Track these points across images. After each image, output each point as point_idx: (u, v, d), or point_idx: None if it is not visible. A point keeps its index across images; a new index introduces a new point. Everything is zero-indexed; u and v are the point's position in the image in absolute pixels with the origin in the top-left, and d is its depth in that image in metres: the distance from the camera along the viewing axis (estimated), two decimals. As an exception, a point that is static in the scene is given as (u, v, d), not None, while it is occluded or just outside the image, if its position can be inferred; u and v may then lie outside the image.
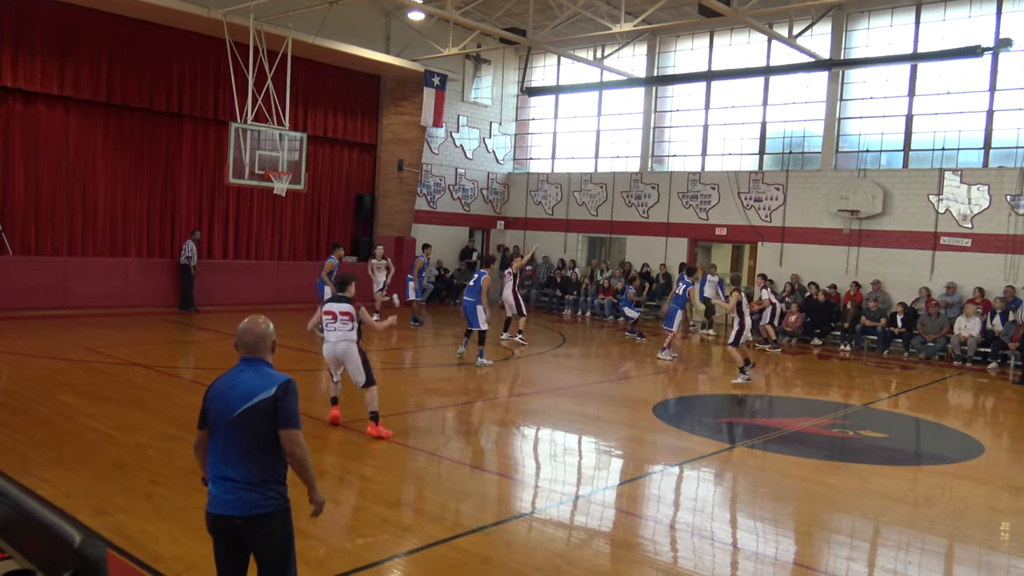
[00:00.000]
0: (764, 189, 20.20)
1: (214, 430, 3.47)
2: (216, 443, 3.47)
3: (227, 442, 3.44)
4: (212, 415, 3.49)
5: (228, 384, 3.52)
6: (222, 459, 3.45)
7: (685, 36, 21.91)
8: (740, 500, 7.06)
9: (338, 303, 8.17)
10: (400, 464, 7.51)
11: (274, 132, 16.87)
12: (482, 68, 24.33)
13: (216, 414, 3.47)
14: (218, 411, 3.47)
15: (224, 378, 3.57)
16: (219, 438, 3.45)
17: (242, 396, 3.44)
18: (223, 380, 3.57)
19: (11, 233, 15.81)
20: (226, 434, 3.43)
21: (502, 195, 25.57)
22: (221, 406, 3.47)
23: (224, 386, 3.52)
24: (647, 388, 12.17)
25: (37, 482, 5.95)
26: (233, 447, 3.43)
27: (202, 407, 3.56)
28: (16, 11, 15.37)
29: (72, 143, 16.70)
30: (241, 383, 3.48)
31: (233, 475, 3.42)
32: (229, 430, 3.43)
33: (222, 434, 3.44)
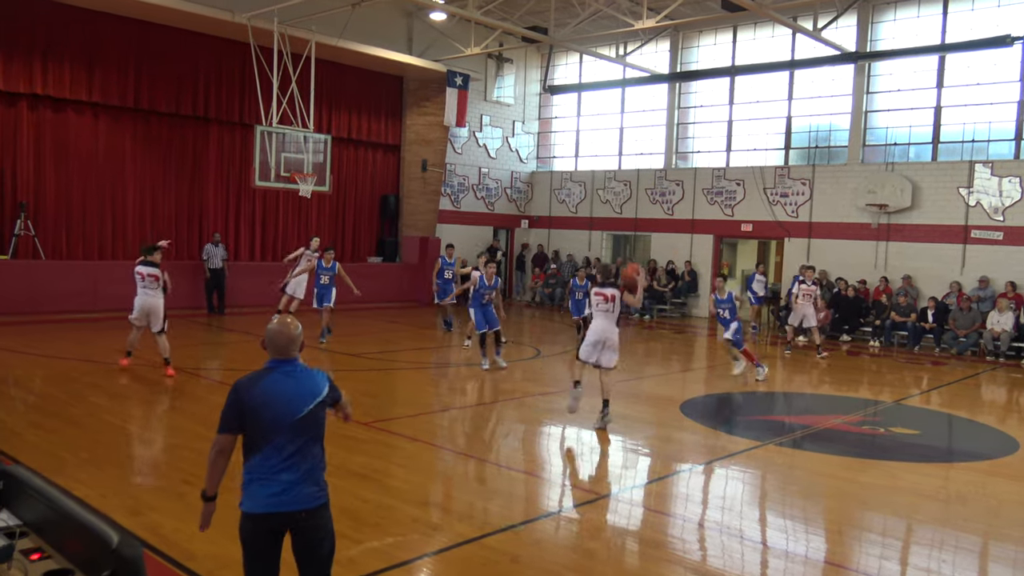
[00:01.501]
0: (790, 184, 20.02)
1: (273, 432, 3.50)
2: (278, 444, 3.50)
3: (293, 440, 3.52)
4: (267, 418, 3.49)
5: (287, 385, 3.56)
6: (283, 458, 3.50)
7: (708, 31, 21.76)
8: (769, 498, 7.01)
9: (146, 267, 10.21)
10: (428, 463, 7.55)
11: (299, 134, 17.01)
12: (504, 67, 24.34)
13: (276, 417, 3.50)
14: (280, 413, 3.51)
15: (273, 381, 3.56)
16: (285, 438, 3.51)
17: (307, 396, 3.58)
18: (275, 383, 3.56)
19: (43, 238, 16.07)
20: (292, 433, 3.52)
21: (526, 194, 25.57)
22: (282, 408, 3.51)
23: (281, 388, 3.55)
24: (674, 386, 12.12)
25: (72, 482, 6.05)
26: (297, 444, 3.53)
27: (237, 411, 3.51)
28: (46, 21, 15.62)
29: (101, 148, 16.95)
30: (300, 384, 3.60)
31: (298, 471, 3.52)
32: (295, 430, 3.52)
33: (286, 434, 3.51)
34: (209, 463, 3.56)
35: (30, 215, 15.79)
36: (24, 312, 14.09)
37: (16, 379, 10.40)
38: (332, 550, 3.68)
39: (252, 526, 3.52)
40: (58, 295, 15.63)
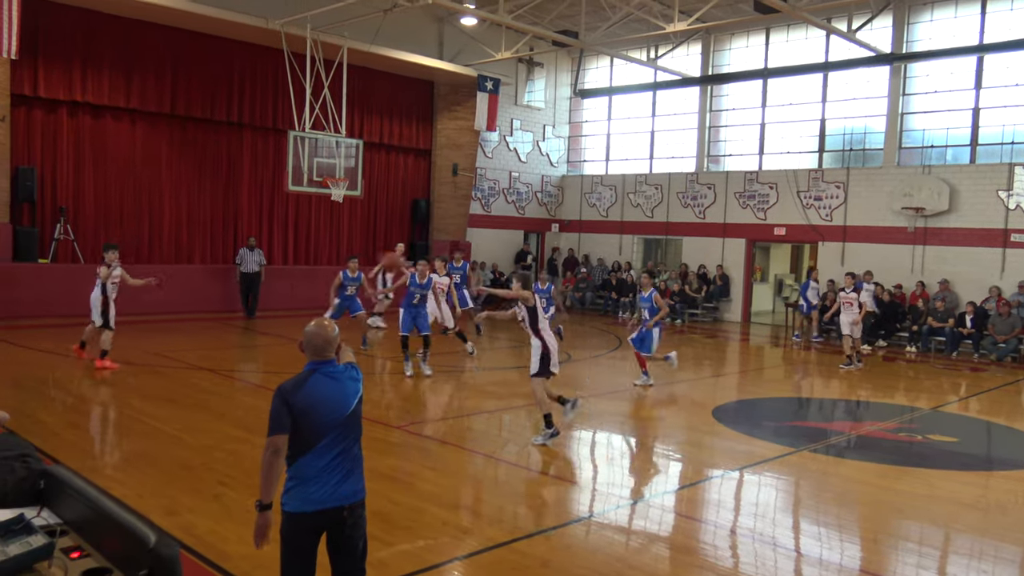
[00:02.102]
0: (824, 187, 19.79)
1: (321, 433, 3.57)
2: (325, 444, 3.59)
3: (338, 439, 3.63)
4: (315, 419, 3.55)
5: (331, 387, 3.64)
6: (329, 457, 3.59)
7: (740, 34, 21.61)
8: (803, 505, 6.93)
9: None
10: (458, 467, 7.56)
11: (331, 139, 17.17)
12: (535, 71, 24.37)
13: (324, 417, 3.58)
14: (328, 414, 3.59)
15: (318, 383, 3.62)
16: (330, 438, 3.60)
17: (351, 394, 3.70)
18: (319, 385, 3.62)
19: (82, 242, 16.38)
20: (338, 432, 3.63)
21: (556, 198, 25.56)
22: (331, 408, 3.61)
23: (326, 390, 3.62)
24: (706, 391, 12.03)
25: (110, 483, 6.15)
26: (343, 443, 3.64)
27: (286, 413, 3.52)
28: (85, 29, 15.94)
29: (138, 154, 17.25)
30: (343, 384, 3.70)
31: (343, 469, 3.63)
32: (343, 428, 3.64)
33: (334, 434, 3.61)
34: (265, 466, 3.55)
35: (69, 220, 16.11)
36: (64, 315, 14.33)
37: (56, 380, 10.60)
38: (366, 547, 3.78)
39: (295, 525, 3.57)
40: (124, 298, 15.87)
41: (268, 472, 3.56)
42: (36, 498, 3.76)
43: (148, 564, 2.76)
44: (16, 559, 3.10)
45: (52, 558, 3.14)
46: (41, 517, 3.55)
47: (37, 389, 10.18)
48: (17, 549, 3.14)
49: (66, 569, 3.08)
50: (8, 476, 3.82)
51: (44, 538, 3.23)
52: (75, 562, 3.15)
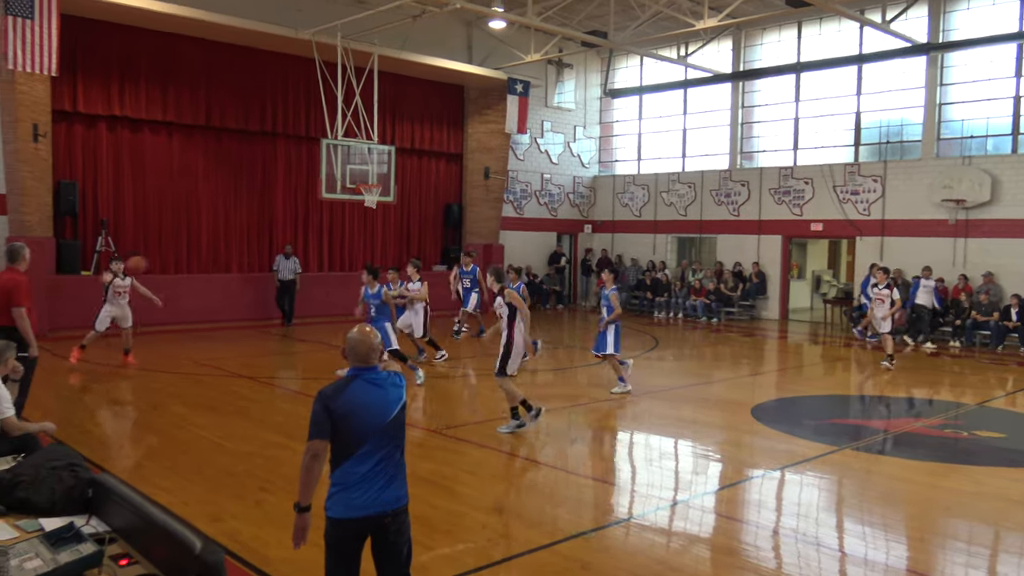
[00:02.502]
0: (861, 181, 19.49)
1: (362, 438, 3.60)
2: (366, 450, 3.61)
3: (379, 446, 3.64)
4: (356, 425, 3.59)
5: (372, 393, 3.67)
6: (370, 463, 3.61)
7: (772, 28, 21.38)
8: (847, 504, 6.82)
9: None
10: (496, 470, 7.57)
11: (363, 146, 17.31)
12: (564, 72, 24.34)
13: (365, 423, 3.60)
14: (369, 420, 3.61)
15: (359, 389, 3.66)
16: (371, 444, 3.62)
17: (392, 401, 3.71)
18: (360, 391, 3.65)
19: (122, 252, 16.65)
20: (379, 439, 3.64)
21: (589, 198, 25.49)
22: (372, 415, 3.63)
23: (367, 396, 3.65)
24: (745, 390, 11.90)
25: (155, 490, 6.25)
26: (384, 449, 3.66)
27: (326, 418, 3.57)
28: (121, 45, 16.25)
29: (176, 166, 17.54)
30: (385, 391, 3.72)
31: (384, 476, 3.64)
32: (384, 434, 3.66)
33: (376, 440, 3.63)
34: (304, 470, 3.60)
35: (110, 232, 16.43)
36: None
37: (101, 390, 10.82)
38: (410, 553, 3.80)
39: (340, 531, 3.60)
40: (138, 308, 16.14)
41: (306, 475, 3.61)
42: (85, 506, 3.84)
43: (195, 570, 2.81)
44: (67, 567, 3.17)
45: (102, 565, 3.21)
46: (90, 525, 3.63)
47: (82, 399, 10.39)
48: (68, 557, 3.22)
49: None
50: (57, 485, 3.91)
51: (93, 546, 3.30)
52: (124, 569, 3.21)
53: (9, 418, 5.58)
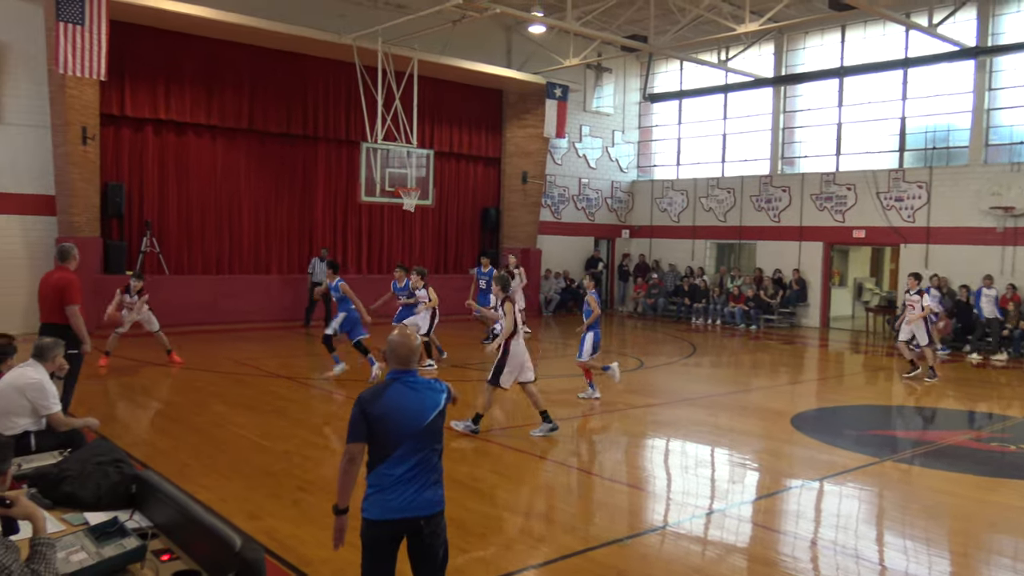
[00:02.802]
0: (905, 187, 19.14)
1: (397, 442, 3.62)
2: (401, 453, 3.62)
3: (415, 449, 3.64)
4: (392, 428, 3.61)
5: (409, 397, 3.69)
6: (406, 466, 3.62)
7: (814, 32, 21.11)
8: (888, 517, 6.70)
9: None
10: (531, 474, 7.57)
11: (402, 150, 17.44)
12: (603, 77, 24.28)
13: (401, 426, 3.62)
14: (404, 423, 3.63)
15: (397, 392, 3.69)
16: (407, 447, 3.63)
17: (430, 406, 3.71)
18: (397, 394, 3.68)
19: (166, 254, 17.01)
20: (415, 442, 3.65)
21: (626, 203, 25.38)
22: (408, 418, 3.64)
23: (404, 400, 3.67)
24: (785, 398, 11.75)
25: (196, 487, 6.35)
26: (419, 453, 3.66)
27: (363, 422, 3.62)
28: (167, 50, 16.58)
29: (219, 168, 17.84)
30: (422, 395, 3.73)
31: (419, 480, 3.64)
32: (420, 438, 3.66)
33: (411, 443, 3.64)
34: (341, 473, 3.67)
35: (155, 233, 16.75)
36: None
37: (144, 388, 11.03)
38: (446, 556, 3.80)
39: (374, 532, 3.63)
40: (181, 308, 16.48)
41: (343, 478, 3.67)
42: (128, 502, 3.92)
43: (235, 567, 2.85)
44: (110, 560, 3.23)
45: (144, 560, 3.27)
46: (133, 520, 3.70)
47: (125, 396, 10.60)
48: (112, 551, 3.28)
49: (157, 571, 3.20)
50: (102, 481, 3.99)
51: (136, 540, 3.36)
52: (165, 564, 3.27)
53: (56, 413, 5.73)
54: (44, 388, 5.68)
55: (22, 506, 3.15)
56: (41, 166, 15.51)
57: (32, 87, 15.27)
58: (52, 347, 5.97)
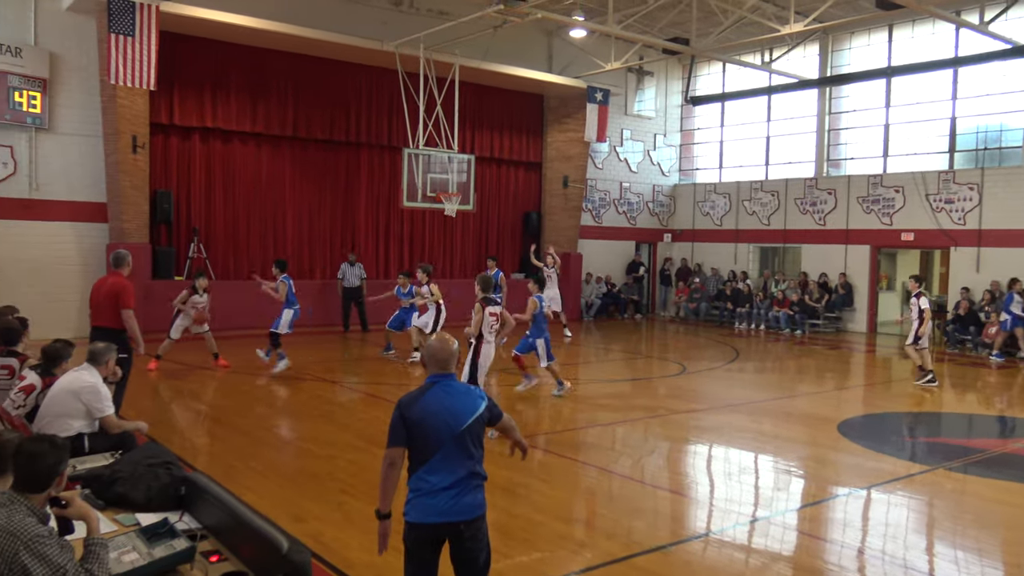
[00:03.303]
0: (956, 189, 18.71)
1: (436, 446, 3.65)
2: (440, 457, 3.65)
3: (453, 454, 3.66)
4: (430, 432, 3.64)
5: (446, 401, 3.72)
6: (447, 470, 3.65)
7: (861, 32, 20.76)
8: (939, 527, 6.55)
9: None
10: (572, 479, 7.55)
11: (444, 155, 17.54)
12: (645, 80, 24.16)
13: (438, 430, 3.65)
14: (441, 427, 3.65)
15: (434, 396, 3.73)
16: (444, 452, 3.65)
17: (467, 410, 3.73)
18: (435, 398, 3.72)
19: (213, 259, 17.32)
20: (453, 446, 3.66)
21: (668, 207, 25.20)
22: (445, 422, 3.66)
23: (440, 404, 3.70)
24: (830, 404, 11.55)
25: (242, 490, 6.45)
26: (458, 458, 3.67)
27: (402, 426, 3.67)
28: (214, 59, 16.92)
29: (264, 175, 18.13)
30: (461, 398, 3.77)
31: (459, 484, 3.65)
32: (457, 442, 3.67)
33: (449, 447, 3.66)
34: (381, 477, 3.71)
35: (202, 239, 17.08)
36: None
37: (192, 391, 11.25)
38: (488, 560, 3.81)
39: (416, 535, 3.67)
40: (227, 312, 16.75)
41: (383, 483, 3.71)
42: (178, 503, 4.00)
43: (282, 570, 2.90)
44: (160, 561, 3.30)
45: (194, 561, 3.33)
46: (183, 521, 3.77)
47: (174, 399, 10.82)
48: (162, 552, 3.35)
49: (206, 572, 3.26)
50: (153, 482, 4.09)
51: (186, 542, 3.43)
52: (214, 565, 3.33)
53: (109, 416, 5.87)
54: (98, 391, 5.83)
55: (77, 507, 3.24)
56: (93, 174, 15.92)
57: (85, 97, 15.69)
58: (105, 351, 6.12)
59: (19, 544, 2.86)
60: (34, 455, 3.15)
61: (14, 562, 2.84)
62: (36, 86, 15.05)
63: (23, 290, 14.51)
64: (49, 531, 3.00)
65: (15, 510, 2.97)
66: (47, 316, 13.79)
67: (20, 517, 2.94)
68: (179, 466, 4.34)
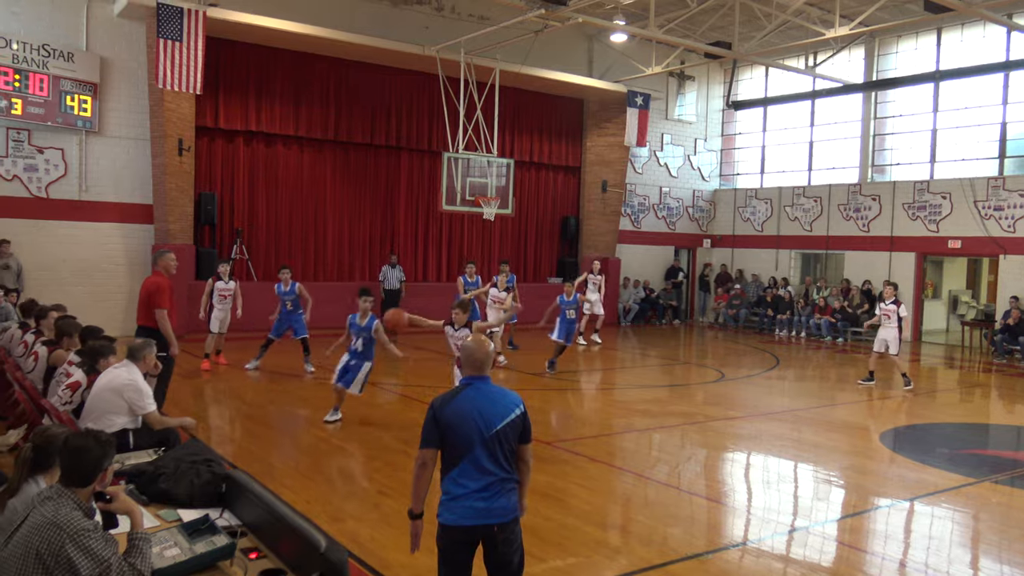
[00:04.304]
0: (1006, 196, 18.27)
1: (467, 448, 3.64)
2: (472, 459, 3.64)
3: (485, 456, 3.65)
4: (462, 434, 3.64)
5: (479, 403, 3.71)
6: (479, 472, 3.64)
7: (908, 36, 20.40)
8: (984, 540, 6.39)
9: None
10: (608, 485, 7.51)
11: (483, 159, 17.61)
12: (686, 84, 23.99)
13: (470, 432, 3.64)
14: (473, 429, 3.65)
15: (467, 398, 3.72)
16: (476, 454, 3.64)
17: (500, 413, 3.71)
18: (467, 399, 3.71)
19: (255, 261, 17.58)
20: (485, 449, 3.65)
21: (708, 212, 24.99)
22: (477, 424, 3.65)
23: (473, 405, 3.69)
24: (872, 413, 11.35)
25: (281, 488, 6.54)
26: (490, 460, 3.66)
27: (434, 427, 3.68)
28: (258, 64, 17.20)
29: (305, 178, 18.36)
30: (494, 401, 3.74)
31: (492, 486, 3.64)
32: (488, 445, 3.65)
33: (480, 449, 3.64)
34: (414, 477, 3.75)
35: (245, 241, 17.35)
36: (240, 329, 15.38)
37: (233, 390, 11.42)
38: (522, 563, 3.80)
39: (448, 537, 3.67)
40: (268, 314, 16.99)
41: (415, 483, 3.74)
42: (219, 500, 4.07)
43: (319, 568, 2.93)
44: (201, 557, 3.36)
45: (234, 557, 3.38)
46: (223, 518, 3.83)
47: (215, 398, 11.00)
48: (203, 547, 3.41)
49: (245, 569, 3.31)
50: (195, 479, 4.16)
51: (227, 538, 3.49)
52: (253, 562, 3.38)
53: (152, 412, 5.97)
54: (139, 388, 5.91)
55: (121, 501, 3.31)
56: (140, 176, 16.26)
57: (133, 101, 16.04)
58: (143, 347, 6.21)
59: (65, 537, 2.94)
60: (79, 449, 3.22)
61: (60, 555, 2.91)
62: (87, 90, 15.43)
63: (71, 289, 14.89)
64: (94, 525, 3.07)
65: (62, 504, 3.05)
66: (94, 315, 14.01)
67: (67, 511, 3.02)
68: (220, 464, 4.41)
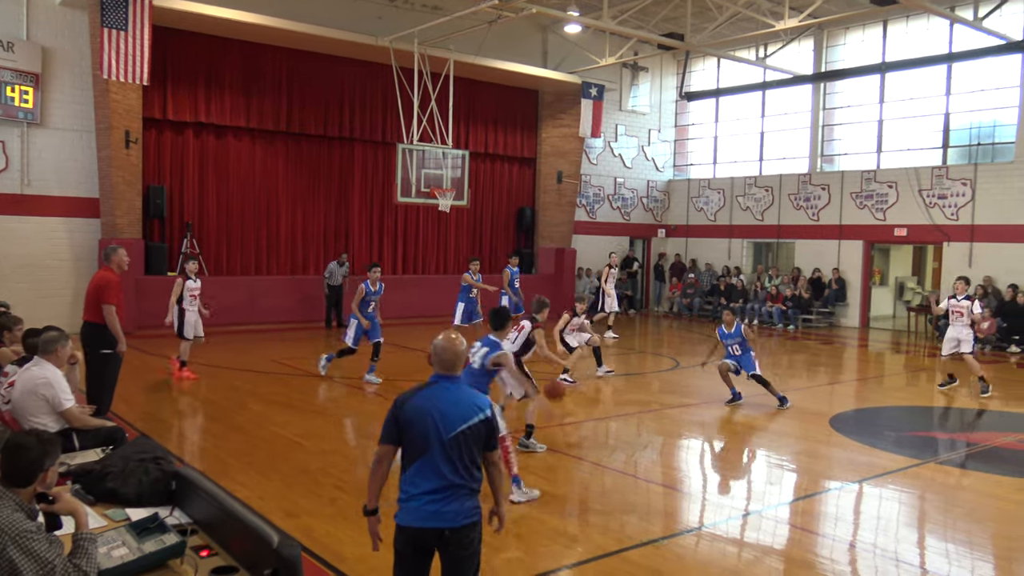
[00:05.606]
0: (949, 185, 18.75)
1: (424, 447, 3.52)
2: (428, 459, 3.52)
3: (442, 458, 3.51)
4: (419, 432, 3.52)
5: (440, 402, 3.57)
6: (433, 474, 3.51)
7: (855, 28, 20.79)
8: (930, 520, 6.57)
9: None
10: (566, 474, 7.55)
11: (438, 151, 17.52)
12: (639, 76, 24.15)
13: (427, 431, 3.51)
14: (430, 427, 3.51)
15: (428, 396, 3.60)
16: (433, 454, 3.51)
17: (461, 415, 3.56)
18: (428, 398, 3.59)
19: (206, 255, 17.27)
20: (442, 450, 3.51)
21: (662, 203, 25.22)
22: (436, 423, 3.52)
23: (434, 405, 3.56)
24: (822, 399, 11.58)
25: (234, 485, 6.45)
26: (448, 462, 3.51)
27: (394, 423, 3.58)
28: (207, 54, 16.88)
29: (257, 170, 18.08)
30: (457, 402, 3.60)
31: (445, 489, 3.51)
32: (447, 446, 3.51)
33: (437, 450, 3.51)
34: (370, 472, 3.69)
35: (195, 234, 17.03)
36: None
37: (185, 387, 11.21)
38: (478, 570, 3.68)
39: (402, 538, 3.58)
40: (220, 308, 16.71)
41: (371, 479, 3.68)
42: (168, 498, 3.99)
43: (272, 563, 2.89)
44: (151, 556, 3.29)
45: (184, 556, 3.32)
46: (173, 516, 3.76)
47: (166, 394, 10.79)
48: (152, 546, 3.34)
49: (196, 567, 3.25)
50: (144, 477, 4.07)
51: (176, 536, 3.42)
52: (204, 560, 3.32)
53: (70, 408, 5.62)
54: (51, 383, 5.58)
55: (65, 502, 3.23)
56: (86, 169, 15.85)
57: (77, 92, 15.62)
58: (53, 340, 5.79)
59: (7, 540, 2.85)
60: (19, 448, 3.13)
61: (2, 557, 2.83)
62: (28, 81, 14.98)
63: (14, 286, 14.46)
64: (37, 527, 2.99)
65: (2, 505, 2.96)
66: (40, 312, 13.67)
67: (7, 512, 2.93)
68: (170, 461, 4.32)
